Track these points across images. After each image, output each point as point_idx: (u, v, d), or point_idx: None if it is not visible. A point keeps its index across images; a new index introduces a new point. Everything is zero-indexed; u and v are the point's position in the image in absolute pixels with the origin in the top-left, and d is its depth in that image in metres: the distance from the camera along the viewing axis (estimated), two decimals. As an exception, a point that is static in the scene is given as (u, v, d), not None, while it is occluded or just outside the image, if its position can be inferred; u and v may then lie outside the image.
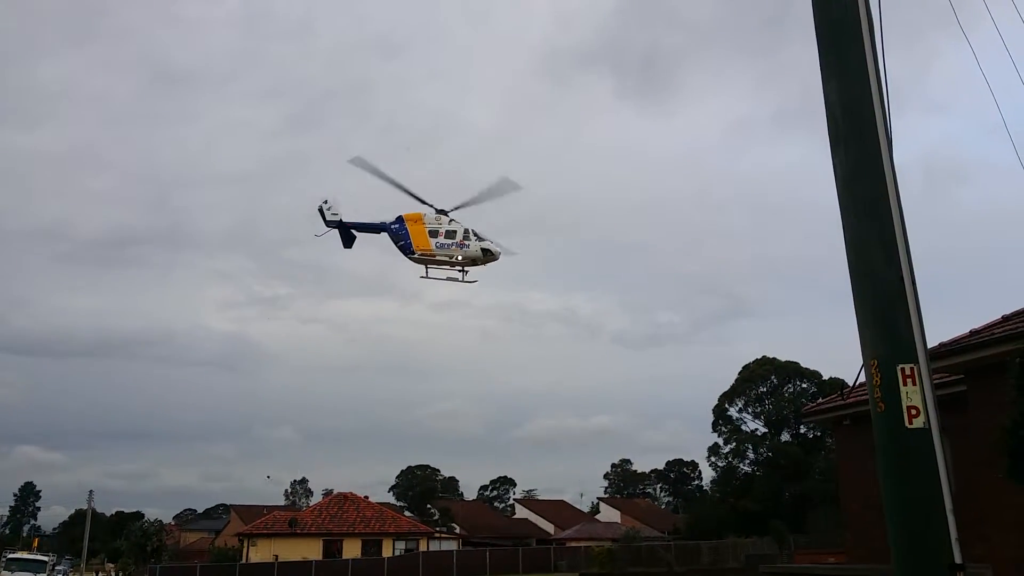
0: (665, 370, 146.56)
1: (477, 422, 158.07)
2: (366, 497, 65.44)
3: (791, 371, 65.15)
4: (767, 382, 65.83)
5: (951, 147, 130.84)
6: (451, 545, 64.75)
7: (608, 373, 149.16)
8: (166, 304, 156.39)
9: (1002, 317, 16.32)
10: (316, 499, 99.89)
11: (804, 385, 64.71)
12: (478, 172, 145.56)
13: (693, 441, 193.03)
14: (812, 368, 64.64)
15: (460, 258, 25.36)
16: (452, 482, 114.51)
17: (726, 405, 66.57)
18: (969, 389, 14.16)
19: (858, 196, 5.68)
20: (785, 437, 64.46)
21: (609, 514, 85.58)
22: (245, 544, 56.26)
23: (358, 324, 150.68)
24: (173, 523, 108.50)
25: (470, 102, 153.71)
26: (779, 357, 65.66)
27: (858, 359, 5.48)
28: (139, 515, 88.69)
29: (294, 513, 65.11)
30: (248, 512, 78.01)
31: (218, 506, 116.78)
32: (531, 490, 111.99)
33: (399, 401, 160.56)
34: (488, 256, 25.69)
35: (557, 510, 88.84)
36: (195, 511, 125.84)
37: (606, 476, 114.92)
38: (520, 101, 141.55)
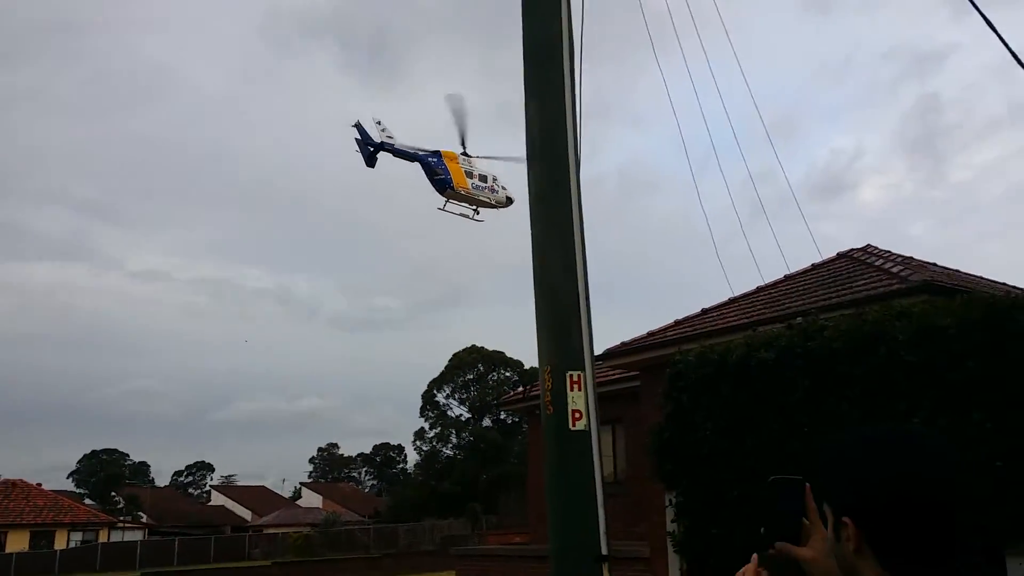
0: (380, 354, 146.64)
1: (175, 404, 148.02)
2: (39, 484, 59.12)
3: (497, 360, 68.34)
4: (474, 370, 68.53)
5: (648, 158, 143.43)
6: (136, 535, 60.35)
7: (322, 356, 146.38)
8: None
9: (674, 321, 18.23)
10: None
11: (508, 373, 68.15)
12: (200, 135, 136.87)
13: (402, 425, 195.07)
14: (516, 358, 68.22)
15: (493, 201, 27.06)
16: (143, 467, 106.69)
17: (434, 391, 68.41)
18: (642, 386, 15.62)
19: (546, 212, 6.04)
20: (487, 423, 67.57)
21: (311, 499, 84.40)
22: None
23: (41, 291, 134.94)
24: None
25: (192, 58, 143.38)
26: (487, 346, 68.68)
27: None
28: None
29: (-53, 503, 57.06)
30: None
31: None
32: (230, 476, 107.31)
33: (86, 379, 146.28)
34: (508, 202, 27.48)
35: (257, 496, 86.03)
36: None
37: (312, 460, 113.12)
38: (246, 64, 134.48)
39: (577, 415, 5.50)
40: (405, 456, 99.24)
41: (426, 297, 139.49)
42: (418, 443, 68.64)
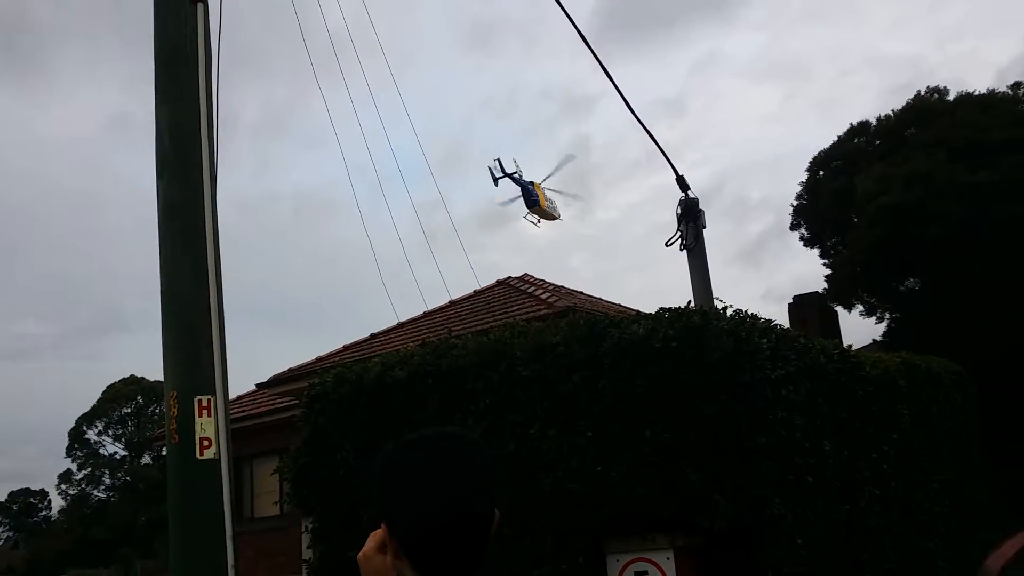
0: (19, 389, 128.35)
1: None
2: None
3: (159, 391, 63.43)
4: (132, 403, 63.07)
5: (326, 182, 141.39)
6: None
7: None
8: None
9: (343, 346, 18.14)
10: None
11: (171, 406, 63.65)
12: None
13: (45, 468, 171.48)
14: (180, 388, 64.00)
15: (555, 215, 36.41)
16: None
17: (84, 428, 61.88)
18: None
19: (176, 226, 5.61)
20: (148, 460, 62.34)
21: (-76, 561, 72.17)
22: None
23: None
24: None
25: None
26: (148, 376, 63.35)
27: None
28: None
29: None
30: None
31: None
32: None
33: None
34: (558, 216, 36.98)
35: None
36: None
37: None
38: None
39: (206, 443, 5.15)
40: (49, 502, 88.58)
41: (82, 322, 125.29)
42: (64, 487, 61.63)
